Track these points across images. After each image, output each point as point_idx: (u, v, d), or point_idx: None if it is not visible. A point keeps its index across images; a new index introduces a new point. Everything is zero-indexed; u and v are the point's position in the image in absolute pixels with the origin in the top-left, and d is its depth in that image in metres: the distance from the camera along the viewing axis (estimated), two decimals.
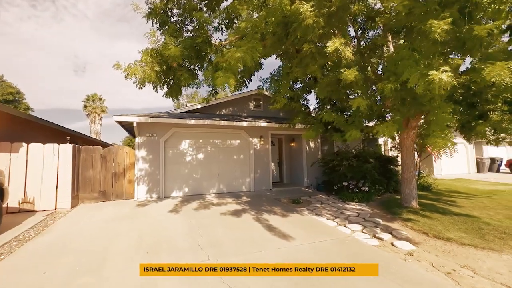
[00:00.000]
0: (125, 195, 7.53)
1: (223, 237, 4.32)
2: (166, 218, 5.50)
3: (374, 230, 4.82)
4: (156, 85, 4.77)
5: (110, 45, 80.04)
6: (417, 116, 5.22)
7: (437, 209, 6.13)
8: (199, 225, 4.97)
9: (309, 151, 9.99)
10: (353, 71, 3.76)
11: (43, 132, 8.44)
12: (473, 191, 9.27)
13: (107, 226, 4.92)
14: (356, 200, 7.13)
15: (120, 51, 77.14)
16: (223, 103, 10.42)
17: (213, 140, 8.68)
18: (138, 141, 7.63)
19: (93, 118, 33.82)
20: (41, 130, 8.32)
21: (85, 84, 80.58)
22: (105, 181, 7.34)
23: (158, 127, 7.84)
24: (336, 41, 3.62)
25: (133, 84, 4.82)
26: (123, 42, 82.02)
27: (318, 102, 7.99)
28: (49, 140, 6.73)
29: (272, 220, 5.34)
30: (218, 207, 6.52)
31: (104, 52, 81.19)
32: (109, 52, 79.45)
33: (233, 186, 8.78)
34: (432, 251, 3.94)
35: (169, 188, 7.93)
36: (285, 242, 4.12)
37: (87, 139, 12.82)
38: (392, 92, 4.21)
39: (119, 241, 4.14)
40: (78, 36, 76.20)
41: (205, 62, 5.02)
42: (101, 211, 6.23)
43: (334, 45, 3.59)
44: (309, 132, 6.20)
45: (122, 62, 4.27)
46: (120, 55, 77.55)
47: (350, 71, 3.76)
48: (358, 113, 5.73)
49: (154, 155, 7.76)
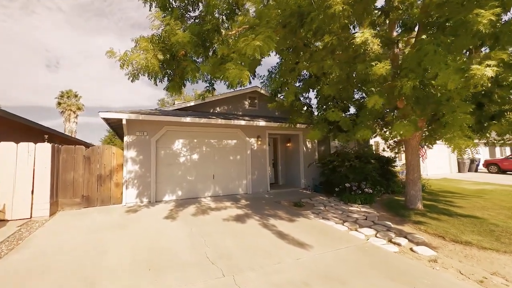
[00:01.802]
0: (111, 200, 6.82)
1: (232, 247, 3.88)
2: (163, 226, 4.95)
3: (388, 234, 4.61)
4: (156, 77, 4.21)
5: (86, 40, 75.79)
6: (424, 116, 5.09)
7: (441, 210, 6.09)
8: (202, 234, 4.49)
9: (306, 152, 9.76)
10: (385, 64, 3.49)
11: (14, 131, 7.47)
12: (463, 190, 9.51)
13: (94, 238, 4.29)
14: (358, 202, 6.96)
15: (98, 47, 73.38)
16: (217, 101, 9.91)
17: (208, 140, 8.17)
18: (127, 140, 6.95)
19: (67, 116, 31.67)
20: (11, 128, 7.36)
21: (58, 81, 75.70)
22: (89, 185, 6.59)
23: (149, 125, 7.20)
24: (366, 32, 3.33)
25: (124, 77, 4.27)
26: (101, 38, 78.14)
27: (318, 101, 7.74)
28: (22, 139, 5.90)
29: (280, 226, 4.98)
30: (218, 212, 6.05)
31: (80, 47, 76.74)
32: (85, 48, 75.22)
33: (230, 189, 8.32)
34: (454, 257, 3.78)
35: (161, 191, 7.32)
36: (302, 251, 3.77)
37: (67, 139, 11.73)
38: (411, 90, 4.01)
39: (110, 256, 3.56)
40: (51, 30, 71.37)
41: (209, 53, 4.55)
42: (85, 219, 5.53)
43: (364, 36, 3.30)
44: (315, 132, 5.91)
45: (117, 49, 3.70)
46: (97, 51, 73.76)
47: (381, 65, 3.49)
48: (367, 112, 5.55)
49: (145, 156, 7.12)
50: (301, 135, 9.65)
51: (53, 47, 74.67)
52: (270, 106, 7.91)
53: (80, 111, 32.72)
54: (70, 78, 76.72)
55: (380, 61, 3.53)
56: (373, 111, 5.48)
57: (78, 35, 74.47)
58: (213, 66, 4.88)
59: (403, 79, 4.03)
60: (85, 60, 77.22)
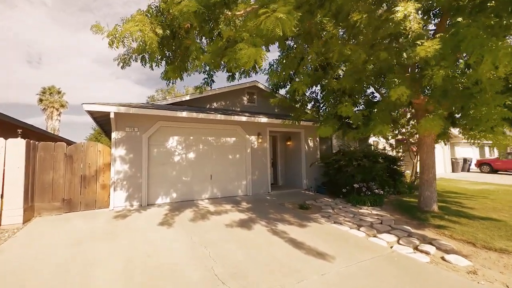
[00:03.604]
0: (97, 203, 6.07)
1: (242, 261, 3.31)
2: (159, 235, 4.30)
3: (412, 241, 4.17)
4: (153, 59, 3.55)
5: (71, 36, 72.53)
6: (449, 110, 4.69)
7: (457, 212, 5.75)
8: (205, 243, 3.88)
9: (307, 151, 9.28)
10: (434, 43, 2.99)
11: None
12: (466, 191, 9.30)
13: (76, 252, 3.60)
14: (368, 204, 6.52)
15: (83, 43, 70.54)
16: (214, 96, 9.27)
17: (205, 137, 7.52)
18: (116, 137, 6.21)
19: (50, 113, 29.99)
20: None
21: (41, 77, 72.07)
22: (71, 187, 5.82)
23: (141, 120, 6.49)
24: (409, 4, 2.83)
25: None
26: (86, 34, 75.14)
27: (324, 96, 7.25)
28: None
29: (291, 232, 4.44)
30: (219, 217, 5.44)
31: (63, 43, 73.38)
32: (69, 43, 72.02)
33: (229, 190, 7.71)
34: (492, 267, 3.36)
35: (154, 193, 6.62)
36: (324, 264, 3.25)
37: (47, 136, 10.70)
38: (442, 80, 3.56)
39: (96, 279, 2.90)
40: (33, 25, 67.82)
41: (213, 35, 3.94)
42: (65, 226, 4.80)
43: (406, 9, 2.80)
44: (326, 128, 5.41)
45: (105, 24, 3.04)
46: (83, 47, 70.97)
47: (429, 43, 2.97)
48: (383, 107, 5.11)
49: (136, 154, 6.40)
50: (303, 133, 9.17)
51: (35, 42, 70.97)
52: (273, 101, 7.36)
53: (64, 108, 31.11)
54: (53, 75, 73.21)
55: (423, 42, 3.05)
56: (390, 105, 5.06)
57: (62, 30, 71.19)
58: (214, 53, 4.29)
59: (434, 67, 3.58)
60: (69, 56, 73.95)
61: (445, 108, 4.16)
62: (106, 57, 75.37)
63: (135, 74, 65.26)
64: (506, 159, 17.25)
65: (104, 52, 71.52)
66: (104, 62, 72.30)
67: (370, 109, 5.60)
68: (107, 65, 73.21)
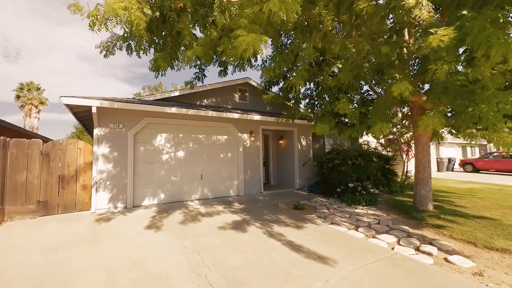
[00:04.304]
0: (77, 205, 5.60)
1: (239, 267, 3.04)
2: (146, 240, 3.94)
3: (412, 241, 4.04)
4: (140, 45, 3.19)
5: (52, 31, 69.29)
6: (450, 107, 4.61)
7: (451, 211, 5.73)
8: (198, 249, 3.57)
9: (300, 150, 9.10)
10: (449, 31, 2.83)
11: None
12: (454, 190, 9.46)
13: (53, 260, 3.20)
14: (363, 203, 6.41)
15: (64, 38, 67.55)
16: (204, 92, 8.90)
17: (196, 135, 7.17)
18: (98, 133, 5.76)
19: (28, 111, 28.35)
20: None
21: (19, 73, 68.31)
22: (47, 188, 5.32)
23: (126, 115, 6.06)
24: None
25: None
26: (69, 28, 72.08)
27: (319, 93, 7.09)
28: None
29: (289, 234, 4.21)
30: (211, 218, 5.14)
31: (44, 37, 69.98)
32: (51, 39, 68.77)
33: (220, 190, 7.39)
34: (496, 268, 3.27)
35: (141, 194, 6.20)
36: (327, 268, 3.03)
37: (23, 134, 9.91)
38: (445, 75, 3.45)
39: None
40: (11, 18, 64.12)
41: (207, 22, 3.63)
42: (41, 232, 4.34)
43: None
44: (323, 125, 5.22)
45: (85, 3, 2.66)
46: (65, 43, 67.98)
47: (442, 32, 2.81)
48: (381, 104, 4.99)
49: (121, 152, 5.96)
50: (296, 131, 8.99)
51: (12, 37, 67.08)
52: (266, 98, 7.13)
53: (44, 105, 29.48)
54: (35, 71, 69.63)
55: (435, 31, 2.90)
56: (389, 102, 4.94)
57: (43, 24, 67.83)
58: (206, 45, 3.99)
59: (438, 62, 3.45)
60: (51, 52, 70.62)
61: (445, 105, 4.08)
62: (90, 53, 72.66)
63: (122, 72, 63.32)
64: (487, 159, 17.93)
65: (88, 48, 68.84)
66: (88, 59, 69.67)
67: (367, 107, 5.48)
68: (92, 62, 70.56)
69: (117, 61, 68.73)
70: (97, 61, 67.69)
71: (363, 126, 5.33)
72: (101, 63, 69.45)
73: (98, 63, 69.35)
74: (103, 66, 70.42)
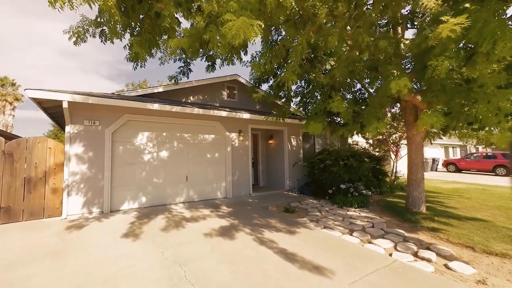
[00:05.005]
0: (46, 211, 5.03)
1: (228, 282, 2.69)
2: (122, 251, 3.50)
3: (409, 246, 3.86)
4: (115, 30, 2.77)
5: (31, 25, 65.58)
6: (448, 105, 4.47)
7: (443, 213, 5.65)
8: (180, 261, 3.19)
9: (290, 150, 8.85)
10: (462, 18, 2.61)
11: None
12: (441, 190, 9.53)
13: (11, 279, 2.73)
14: (355, 205, 6.23)
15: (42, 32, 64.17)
16: (190, 89, 8.44)
17: (181, 134, 6.73)
18: (71, 131, 5.21)
19: (2, 107, 26.59)
20: None
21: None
22: (10, 192, 4.73)
23: (103, 111, 5.54)
24: None
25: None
26: (49, 23, 68.55)
27: (310, 91, 6.86)
28: None
29: (280, 241, 3.91)
30: (196, 224, 4.75)
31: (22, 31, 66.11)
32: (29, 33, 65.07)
33: (206, 193, 6.99)
34: (497, 274, 3.12)
35: (119, 198, 5.70)
36: (325, 281, 2.75)
37: None
38: (446, 72, 3.27)
39: None
40: None
41: (192, 8, 3.25)
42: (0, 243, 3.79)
43: None
44: (316, 124, 4.96)
45: None
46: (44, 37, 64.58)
47: (454, 20, 2.58)
48: (376, 102, 4.79)
49: (97, 152, 5.44)
50: (286, 131, 8.72)
51: None
52: (256, 96, 6.80)
53: (19, 102, 27.73)
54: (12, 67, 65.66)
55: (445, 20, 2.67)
56: (383, 100, 4.76)
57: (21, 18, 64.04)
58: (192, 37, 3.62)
59: (439, 57, 3.26)
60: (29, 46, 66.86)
61: (442, 104, 3.93)
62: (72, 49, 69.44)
63: (106, 69, 60.93)
64: (469, 159, 18.51)
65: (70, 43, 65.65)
66: (70, 54, 66.58)
67: (360, 106, 5.29)
68: (74, 58, 67.59)
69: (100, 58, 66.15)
70: (80, 57, 64.85)
71: (357, 125, 5.13)
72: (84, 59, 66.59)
73: (81, 59, 66.46)
74: (86, 63, 67.59)
